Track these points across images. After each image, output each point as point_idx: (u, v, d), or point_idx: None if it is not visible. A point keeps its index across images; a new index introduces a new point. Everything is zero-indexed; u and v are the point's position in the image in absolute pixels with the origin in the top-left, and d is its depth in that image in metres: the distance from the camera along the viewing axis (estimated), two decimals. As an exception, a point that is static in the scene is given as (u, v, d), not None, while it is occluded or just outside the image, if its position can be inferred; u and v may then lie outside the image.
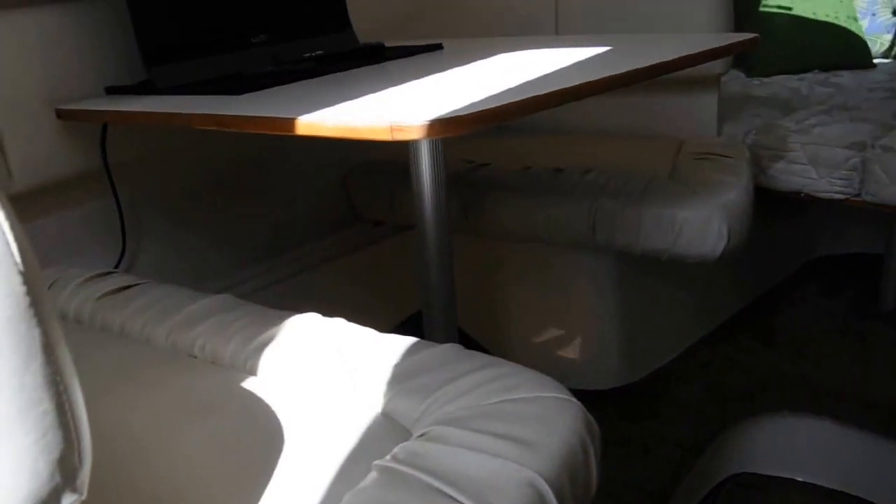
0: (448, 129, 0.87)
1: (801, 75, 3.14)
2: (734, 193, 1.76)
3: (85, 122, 1.39)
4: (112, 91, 1.46)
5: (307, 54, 1.51)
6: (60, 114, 1.38)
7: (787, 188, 2.23)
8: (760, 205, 1.92)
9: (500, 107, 0.92)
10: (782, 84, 2.94)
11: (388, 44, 1.83)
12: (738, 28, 2.87)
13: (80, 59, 1.45)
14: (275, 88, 1.26)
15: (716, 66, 2.05)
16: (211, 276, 1.74)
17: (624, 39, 1.53)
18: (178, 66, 1.41)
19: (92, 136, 1.44)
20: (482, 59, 1.39)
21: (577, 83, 1.04)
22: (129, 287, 1.18)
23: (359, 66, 1.43)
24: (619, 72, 1.11)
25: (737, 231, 1.74)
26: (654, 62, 1.18)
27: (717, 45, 1.34)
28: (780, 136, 2.23)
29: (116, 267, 1.57)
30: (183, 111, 1.13)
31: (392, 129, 0.88)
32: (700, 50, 1.29)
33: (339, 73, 1.37)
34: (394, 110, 0.93)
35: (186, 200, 1.70)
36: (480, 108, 0.90)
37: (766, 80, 3.00)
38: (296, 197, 1.89)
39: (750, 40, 1.43)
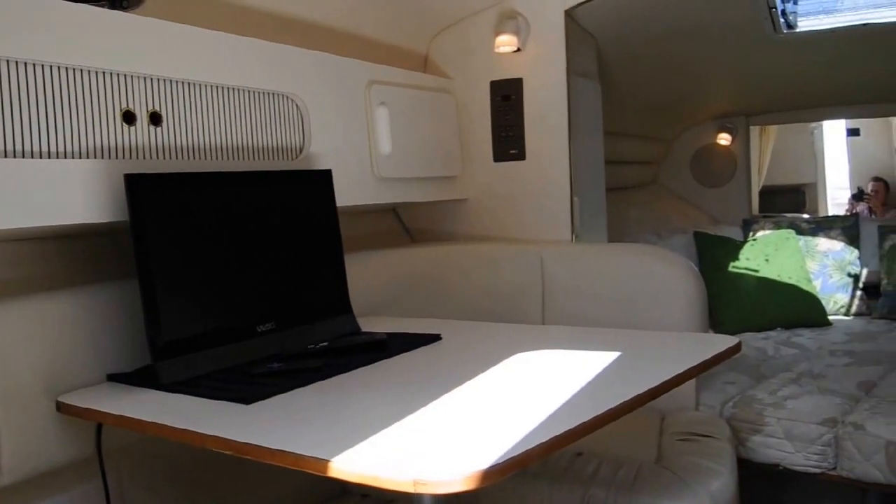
0: (467, 484, 0.89)
1: (766, 333, 3.28)
2: (722, 481, 1.78)
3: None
4: (114, 378, 1.47)
5: (312, 346, 1.55)
6: (61, 407, 1.37)
7: (766, 461, 2.26)
8: (741, 477, 1.93)
9: (522, 455, 0.94)
10: (749, 343, 3.05)
11: (383, 319, 1.90)
12: (710, 287, 3.02)
13: (85, 345, 1.47)
14: (284, 396, 1.27)
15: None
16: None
17: (618, 339, 1.60)
18: (185, 359, 1.43)
19: (88, 425, 1.43)
20: (486, 358, 1.44)
21: (603, 411, 1.09)
22: None
23: (365, 363, 1.46)
24: (638, 393, 1.17)
25: (727, 521, 1.75)
26: (667, 377, 1.26)
27: (712, 355, 1.41)
28: (756, 411, 2.28)
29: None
30: (193, 427, 1.14)
31: (415, 484, 0.89)
32: (701, 361, 1.37)
33: (347, 374, 1.40)
34: (415, 461, 0.95)
35: (172, 482, 1.66)
36: (501, 461, 0.91)
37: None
38: (284, 471, 1.86)
39: (734, 347, 1.51)
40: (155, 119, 1.64)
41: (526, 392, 1.26)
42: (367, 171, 2.18)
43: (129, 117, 1.59)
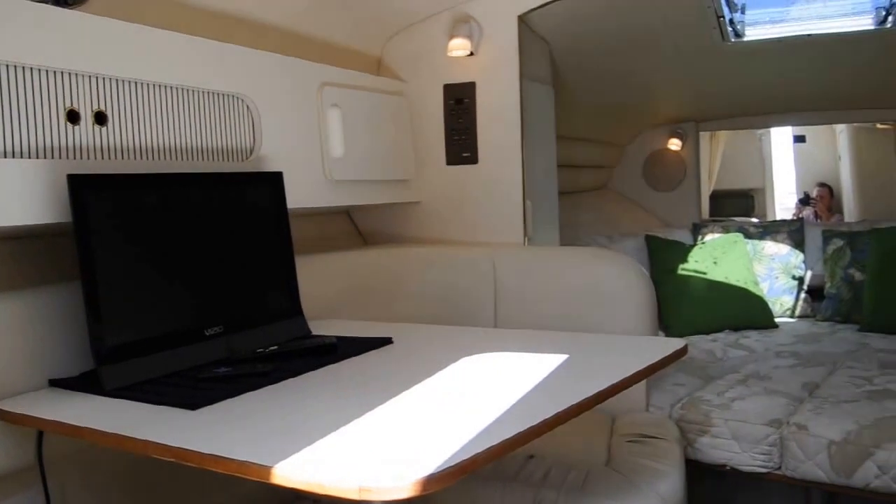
0: (413, 490, 0.88)
1: (714, 335, 3.33)
2: (670, 482, 1.81)
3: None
4: (56, 384, 1.44)
5: (260, 349, 1.53)
6: (1, 414, 1.33)
7: (713, 461, 2.29)
8: (690, 477, 1.96)
9: (468, 461, 0.94)
10: (698, 345, 3.10)
11: (335, 322, 1.88)
12: (660, 289, 3.06)
13: (26, 350, 1.43)
14: (231, 401, 1.26)
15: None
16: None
17: (568, 342, 1.61)
18: (130, 364, 1.40)
19: (29, 432, 1.39)
20: (437, 362, 1.44)
21: (551, 415, 1.09)
22: None
23: (314, 367, 1.45)
24: (586, 396, 1.18)
25: (674, 521, 1.77)
26: (615, 381, 1.27)
27: (658, 358, 1.43)
28: (704, 412, 2.32)
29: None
30: (135, 434, 1.11)
31: (360, 490, 0.89)
32: (648, 365, 1.39)
33: (295, 378, 1.39)
34: (360, 468, 0.94)
35: (118, 489, 1.63)
36: (448, 467, 0.91)
37: (684, 339, 3.17)
38: (235, 476, 1.83)
39: (680, 350, 1.53)
40: (100, 118, 1.61)
41: (476, 396, 1.26)
42: (318, 173, 2.16)
43: (73, 116, 1.56)
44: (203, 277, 1.60)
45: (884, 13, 2.91)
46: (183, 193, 1.60)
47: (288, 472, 0.94)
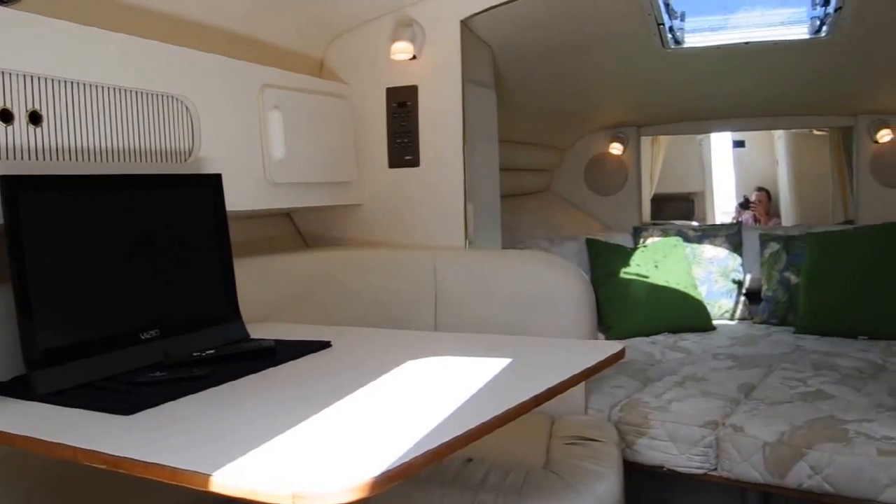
0: (348, 496, 0.88)
1: (653, 338, 3.38)
2: (607, 484, 1.84)
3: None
4: (-15, 389, 1.40)
5: (197, 353, 1.51)
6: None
7: (651, 462, 2.33)
8: (628, 478, 1.99)
9: (404, 466, 0.94)
10: (637, 348, 3.14)
11: (275, 326, 1.87)
12: (601, 292, 3.10)
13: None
14: (166, 406, 1.24)
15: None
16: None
17: (507, 346, 1.62)
18: (63, 368, 1.37)
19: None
20: (375, 365, 1.44)
21: (488, 419, 1.09)
22: None
23: (251, 371, 1.44)
24: (523, 400, 1.18)
25: (610, 521, 1.80)
26: (552, 384, 1.28)
27: (596, 361, 1.45)
28: (642, 414, 2.36)
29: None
30: (67, 441, 1.09)
31: (294, 497, 0.88)
32: (586, 367, 1.41)
33: (232, 383, 1.37)
34: (294, 474, 0.93)
35: (52, 497, 1.59)
36: (383, 473, 0.91)
37: (623, 342, 3.21)
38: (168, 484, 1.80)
39: (618, 353, 1.55)
40: (34, 118, 1.57)
41: (414, 400, 1.26)
42: (259, 175, 2.14)
43: (5, 116, 1.52)
44: (139, 280, 1.58)
45: (818, 23, 3.00)
46: (120, 195, 1.58)
47: (221, 480, 0.93)
